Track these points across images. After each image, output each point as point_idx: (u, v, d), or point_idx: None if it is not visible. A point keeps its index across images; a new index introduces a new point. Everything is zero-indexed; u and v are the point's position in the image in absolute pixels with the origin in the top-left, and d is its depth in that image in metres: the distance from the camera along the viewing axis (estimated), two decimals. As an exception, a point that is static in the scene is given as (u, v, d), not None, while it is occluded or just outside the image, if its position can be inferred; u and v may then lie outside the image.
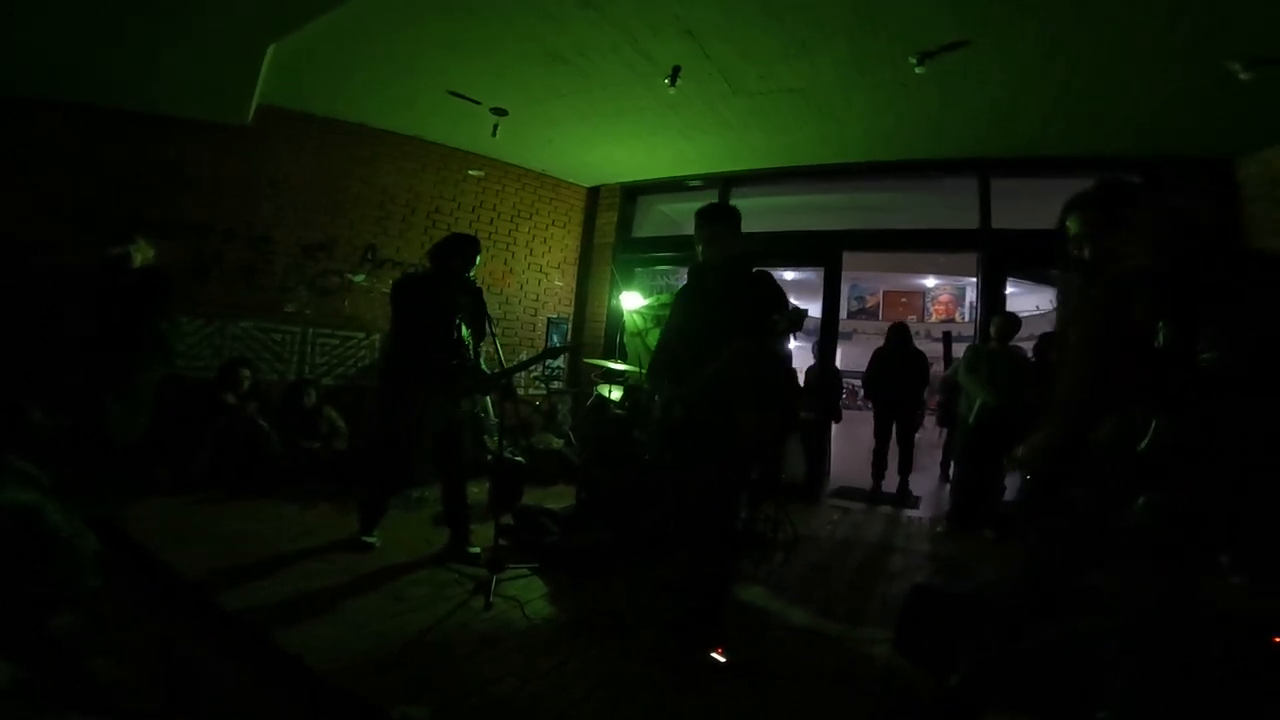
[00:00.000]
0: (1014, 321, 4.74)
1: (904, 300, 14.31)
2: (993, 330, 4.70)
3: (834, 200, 6.43)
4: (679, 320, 2.72)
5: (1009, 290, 5.64)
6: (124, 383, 3.60)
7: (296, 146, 5.45)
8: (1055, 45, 3.61)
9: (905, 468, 5.83)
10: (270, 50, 4.10)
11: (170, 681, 1.84)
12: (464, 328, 3.39)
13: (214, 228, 5.13)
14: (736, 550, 2.93)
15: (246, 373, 4.77)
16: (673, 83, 4.20)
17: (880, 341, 5.96)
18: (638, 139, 5.68)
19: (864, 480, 5.94)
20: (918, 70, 3.84)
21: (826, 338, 6.01)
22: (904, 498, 5.71)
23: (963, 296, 13.74)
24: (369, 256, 5.87)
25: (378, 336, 5.75)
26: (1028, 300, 10.34)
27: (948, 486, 6.27)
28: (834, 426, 6.07)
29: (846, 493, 5.83)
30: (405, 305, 3.34)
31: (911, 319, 13.80)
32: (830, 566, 3.76)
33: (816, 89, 4.44)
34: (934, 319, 13.77)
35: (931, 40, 3.66)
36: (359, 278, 5.82)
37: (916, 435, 6.00)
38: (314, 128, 5.51)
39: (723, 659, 2.43)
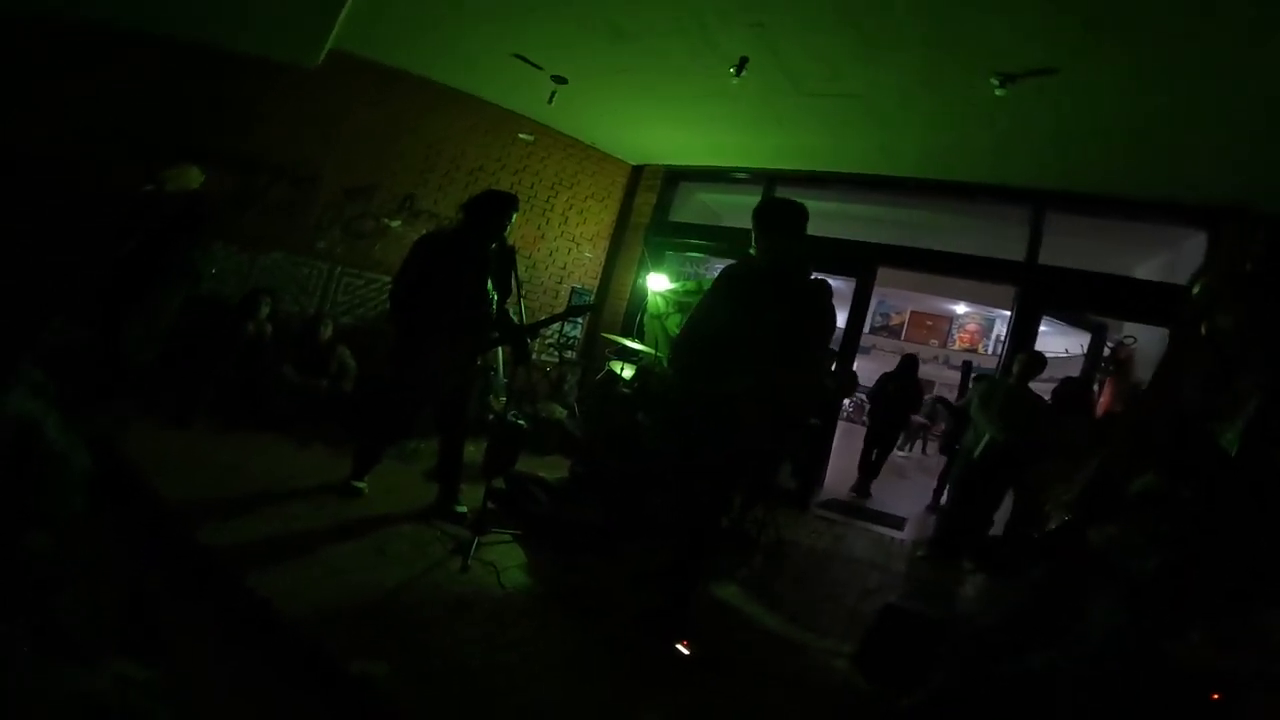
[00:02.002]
0: (1039, 361, 4.64)
1: (930, 323, 14.03)
2: (1015, 367, 4.61)
3: (875, 212, 6.31)
4: (720, 315, 2.60)
5: (1041, 329, 5.49)
6: (146, 303, 3.66)
7: (356, 93, 5.49)
8: (1145, 80, 3.44)
9: (874, 472, 6.74)
10: None
11: (128, 617, 1.85)
12: (489, 284, 3.37)
13: (264, 163, 5.19)
14: (716, 546, 2.93)
15: (267, 300, 4.84)
16: (739, 73, 4.13)
17: (895, 363, 6.11)
18: (689, 124, 5.61)
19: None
20: (998, 92, 3.71)
21: (846, 350, 5.94)
22: (887, 516, 5.79)
23: (990, 328, 13.46)
24: (407, 205, 5.92)
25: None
26: (1058, 341, 10.08)
27: (934, 513, 6.36)
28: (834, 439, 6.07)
29: (835, 505, 5.82)
30: (431, 258, 3.31)
31: (934, 343, 13.55)
32: (808, 575, 3.78)
33: (878, 97, 4.33)
34: (957, 346, 13.52)
35: (1014, 63, 3.53)
36: (395, 223, 5.88)
37: (901, 455, 6.37)
38: (376, 76, 5.53)
39: (687, 651, 2.44)
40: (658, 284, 5.75)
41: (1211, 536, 1.57)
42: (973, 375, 6.51)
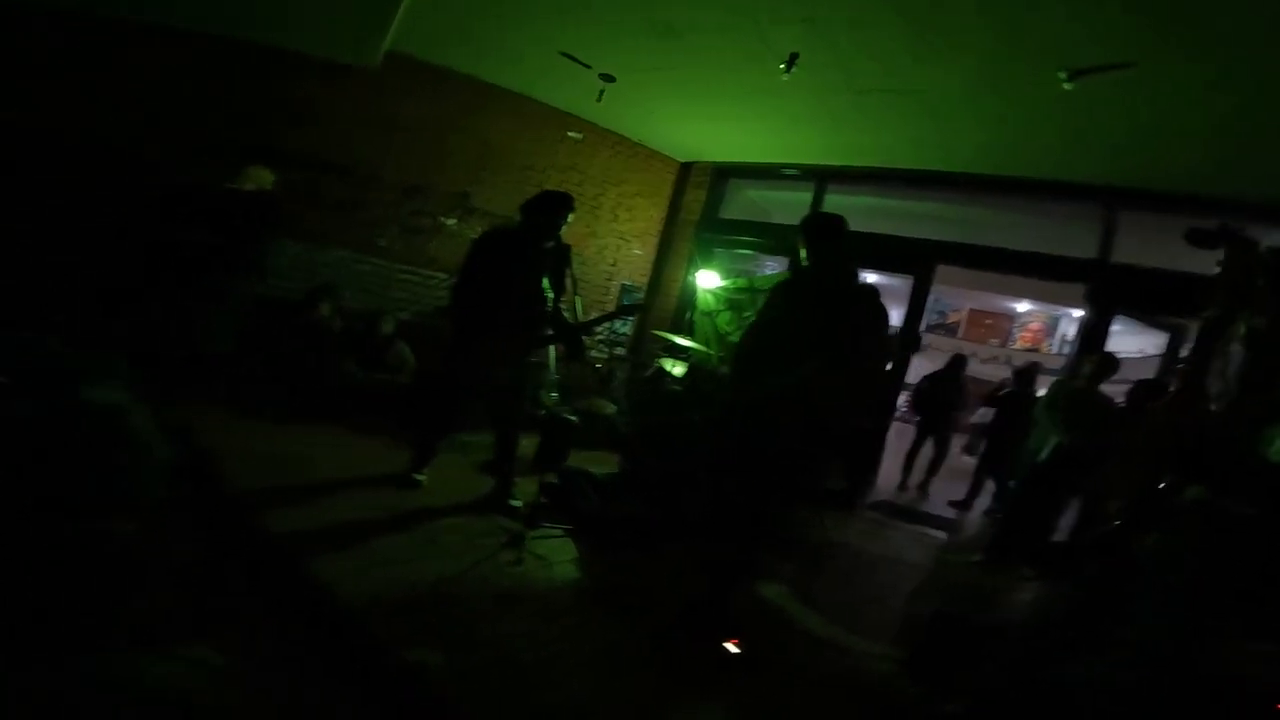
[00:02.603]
0: (1112, 363, 4.42)
1: (989, 322, 13.53)
2: (1086, 368, 4.40)
3: (932, 208, 6.12)
4: (775, 325, 2.71)
5: (1114, 328, 5.24)
6: (220, 295, 3.86)
7: (409, 93, 5.63)
8: (1224, 76, 3.25)
9: (931, 471, 6.86)
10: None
11: (204, 604, 1.94)
12: (545, 281, 3.43)
13: (326, 162, 5.38)
14: (760, 546, 2.93)
15: (330, 296, 5.03)
16: (788, 69, 4.07)
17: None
18: (738, 121, 5.57)
19: (906, 496, 6.04)
20: (1066, 86, 3.57)
21: (903, 349, 5.78)
22: (938, 519, 5.65)
23: (1055, 326, 12.88)
24: (462, 203, 6.06)
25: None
26: (1132, 341, 9.57)
27: (981, 514, 6.25)
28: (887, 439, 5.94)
29: (885, 507, 5.68)
30: (489, 256, 3.39)
31: (994, 342, 13.06)
32: (853, 577, 3.72)
33: (937, 94, 4.22)
34: (1019, 345, 12.99)
35: (1084, 58, 3.39)
36: (451, 221, 6.03)
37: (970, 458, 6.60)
38: (428, 76, 5.66)
39: (735, 650, 2.44)
40: (708, 281, 5.73)
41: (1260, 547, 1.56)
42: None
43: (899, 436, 6.67)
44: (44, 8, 4.20)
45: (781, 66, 4.08)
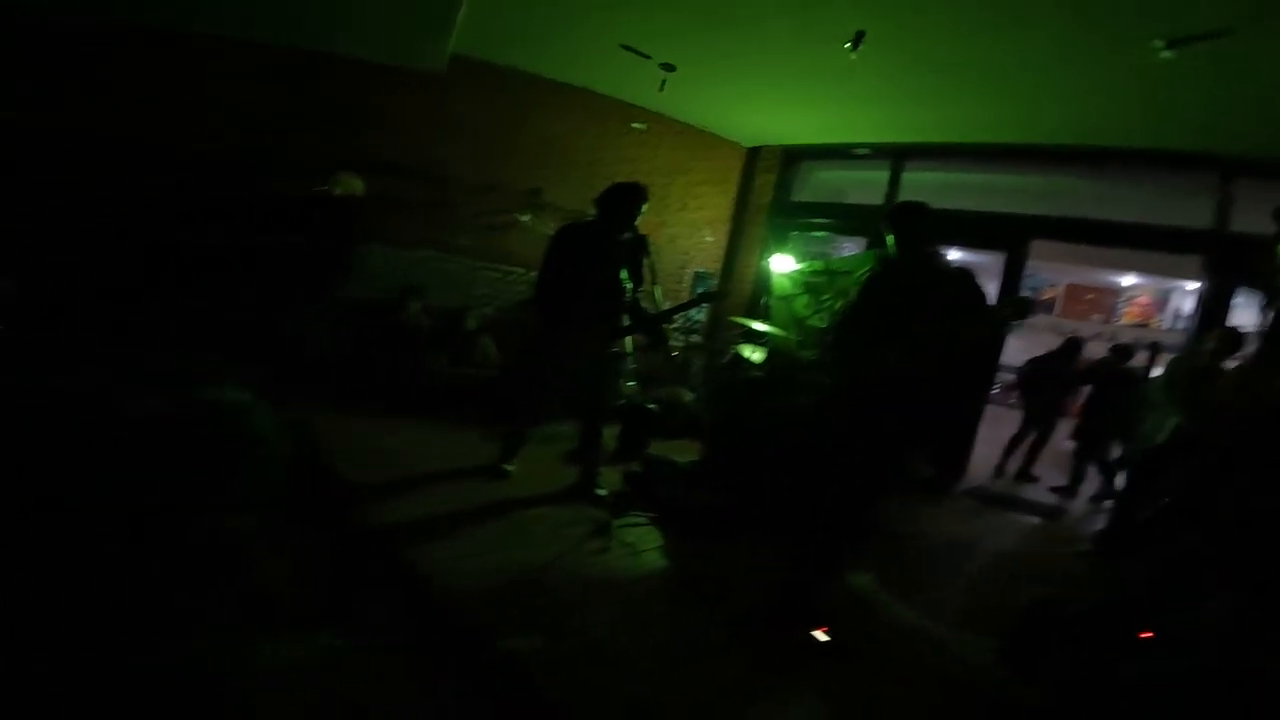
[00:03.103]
0: (1235, 338, 4.03)
1: (1090, 297, 12.60)
2: (1208, 344, 4.05)
3: (1022, 182, 5.78)
4: (867, 312, 2.68)
5: (1238, 300, 4.81)
6: (320, 299, 4.10)
7: (475, 94, 5.77)
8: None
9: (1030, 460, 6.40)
10: (466, 3, 4.29)
11: (322, 592, 2.06)
12: (624, 273, 3.47)
13: (403, 165, 5.57)
14: (851, 535, 2.87)
15: (418, 295, 5.26)
16: (854, 48, 3.93)
17: (1051, 340, 5.64)
18: (804, 103, 5.45)
19: (1001, 483, 5.77)
20: (1163, 55, 3.33)
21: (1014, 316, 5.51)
22: (1038, 505, 5.37)
23: (1166, 300, 11.87)
24: (534, 199, 6.17)
25: (535, 273, 6.02)
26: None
27: (1087, 501, 5.89)
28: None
29: (980, 494, 5.42)
30: (568, 251, 3.45)
31: (1096, 318, 12.17)
32: (948, 566, 3.59)
33: (1016, 67, 3.99)
34: (1125, 321, 12.05)
35: (1180, 27, 3.15)
36: (525, 218, 6.16)
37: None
38: (492, 76, 5.79)
39: (824, 638, 2.41)
40: (783, 265, 5.62)
41: None
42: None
43: (993, 422, 6.35)
44: (140, 27, 4.55)
45: (847, 46, 3.95)
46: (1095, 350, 7.19)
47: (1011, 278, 5.47)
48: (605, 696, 1.98)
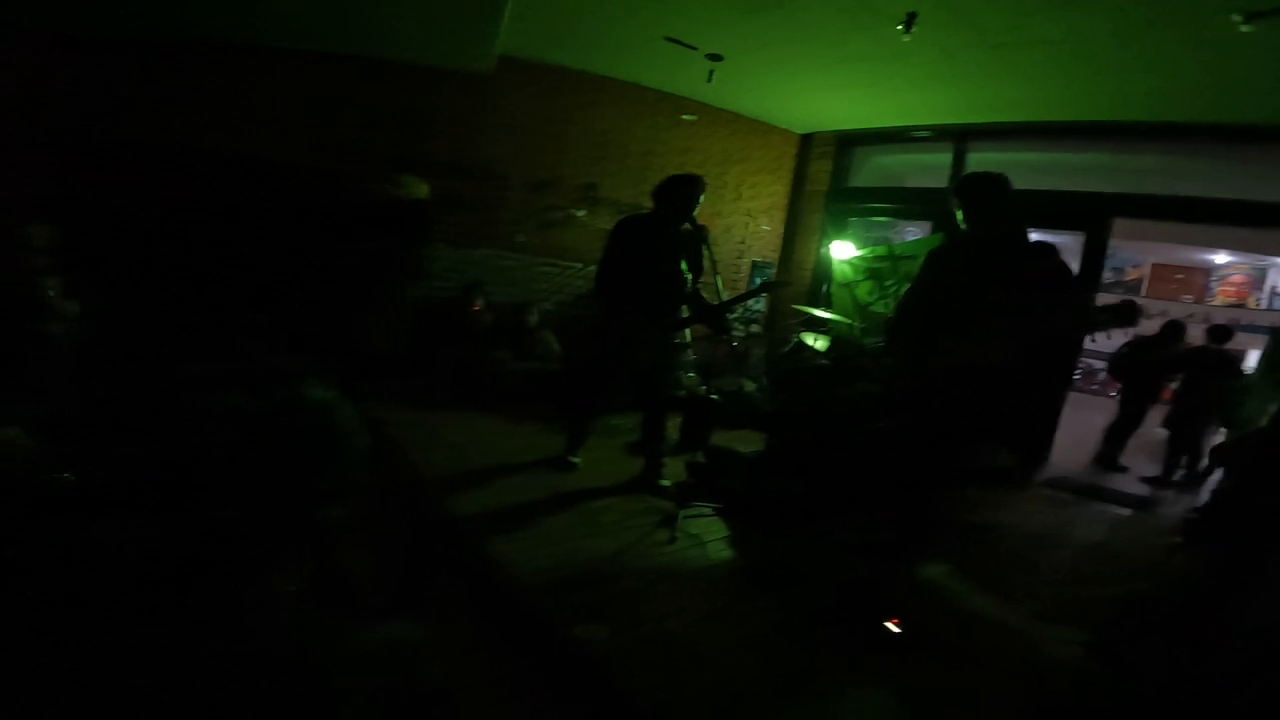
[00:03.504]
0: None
1: (1179, 276, 11.76)
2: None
3: (1101, 160, 5.49)
4: (940, 295, 2.54)
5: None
6: (394, 299, 4.26)
7: (526, 93, 5.86)
8: None
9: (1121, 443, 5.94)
10: (510, 2, 4.33)
11: (401, 582, 2.14)
12: (683, 264, 3.49)
13: (461, 166, 5.74)
14: (926, 524, 2.80)
15: (481, 292, 5.41)
16: (907, 29, 3.81)
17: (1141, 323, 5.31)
18: (858, 87, 5.32)
19: (1086, 472, 5.47)
20: (1243, 29, 3.13)
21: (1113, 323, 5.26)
22: (1125, 495, 5.08)
23: (1262, 278, 10.99)
24: (589, 194, 6.25)
25: (593, 267, 6.10)
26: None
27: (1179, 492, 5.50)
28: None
29: (1064, 484, 5.18)
30: (626, 244, 3.49)
31: (1187, 299, 11.39)
32: (1029, 558, 3.43)
33: (1085, 42, 3.79)
34: (1218, 302, 11.23)
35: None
36: (580, 213, 6.24)
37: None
38: (541, 75, 5.86)
39: (896, 629, 2.36)
40: (843, 251, 5.52)
41: None
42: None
43: (1078, 408, 6.06)
44: (207, 41, 4.79)
45: (899, 28, 3.82)
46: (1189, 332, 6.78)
47: (1093, 258, 5.22)
48: (678, 685, 2.00)
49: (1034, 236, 2.47)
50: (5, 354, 2.98)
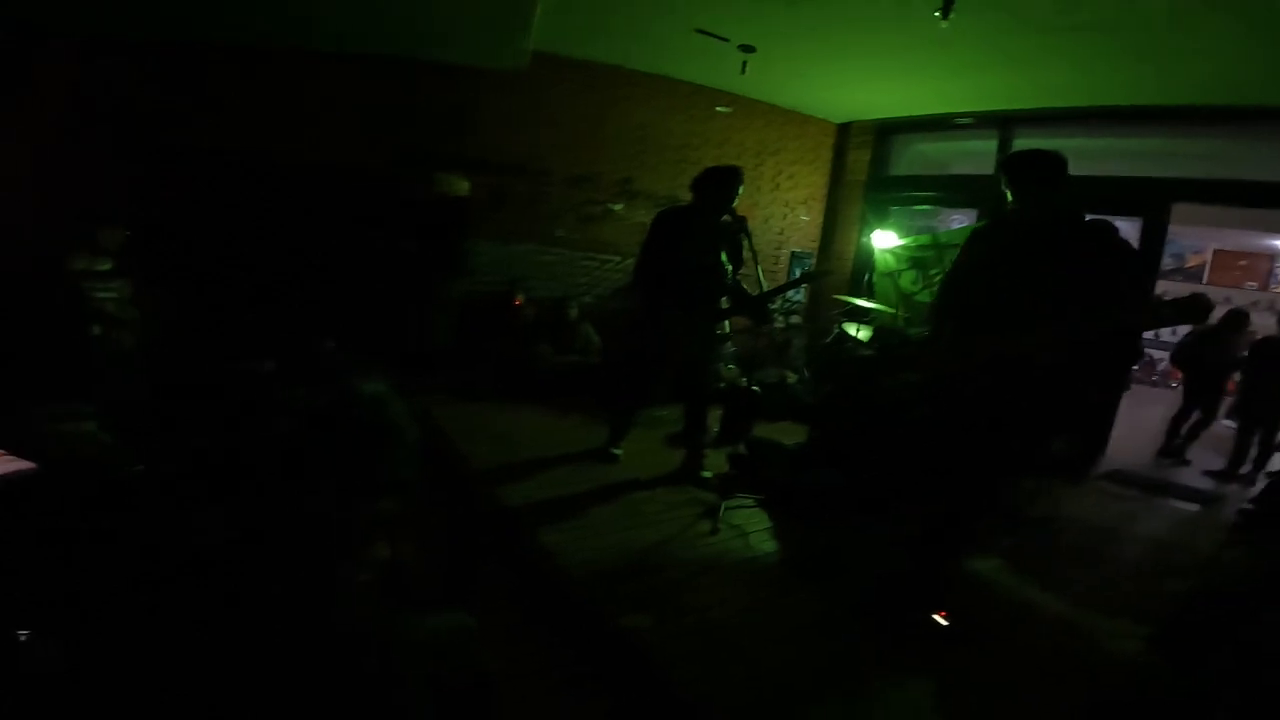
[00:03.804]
0: None
1: (1242, 263, 11.22)
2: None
3: (1154, 145, 5.36)
4: (986, 275, 2.42)
5: None
6: (439, 295, 4.38)
7: (562, 89, 5.92)
8: None
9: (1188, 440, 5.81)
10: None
11: (452, 571, 2.20)
12: (724, 256, 3.48)
13: (500, 163, 5.80)
14: (977, 516, 2.74)
15: (523, 286, 5.50)
16: (944, 15, 3.71)
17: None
18: (895, 76, 5.24)
19: (1146, 465, 5.28)
20: None
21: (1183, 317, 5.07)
22: (1188, 489, 4.92)
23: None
24: (625, 188, 6.28)
25: (631, 260, 6.15)
26: None
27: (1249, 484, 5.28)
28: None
29: (1123, 477, 5.01)
30: (666, 235, 3.49)
31: (1251, 285, 10.87)
32: (1087, 552, 3.35)
33: (1136, 26, 3.65)
34: (1283, 288, 10.68)
35: None
36: (617, 207, 6.29)
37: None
38: (576, 71, 5.91)
39: (944, 622, 2.33)
40: (885, 241, 5.43)
41: None
42: None
43: (1136, 400, 5.84)
44: (250, 47, 4.93)
45: (936, 14, 3.72)
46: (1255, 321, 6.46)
47: (1151, 244, 5.04)
48: (723, 674, 2.02)
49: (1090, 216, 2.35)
50: (77, 355, 3.14)
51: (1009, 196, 2.36)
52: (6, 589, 1.70)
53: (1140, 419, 5.95)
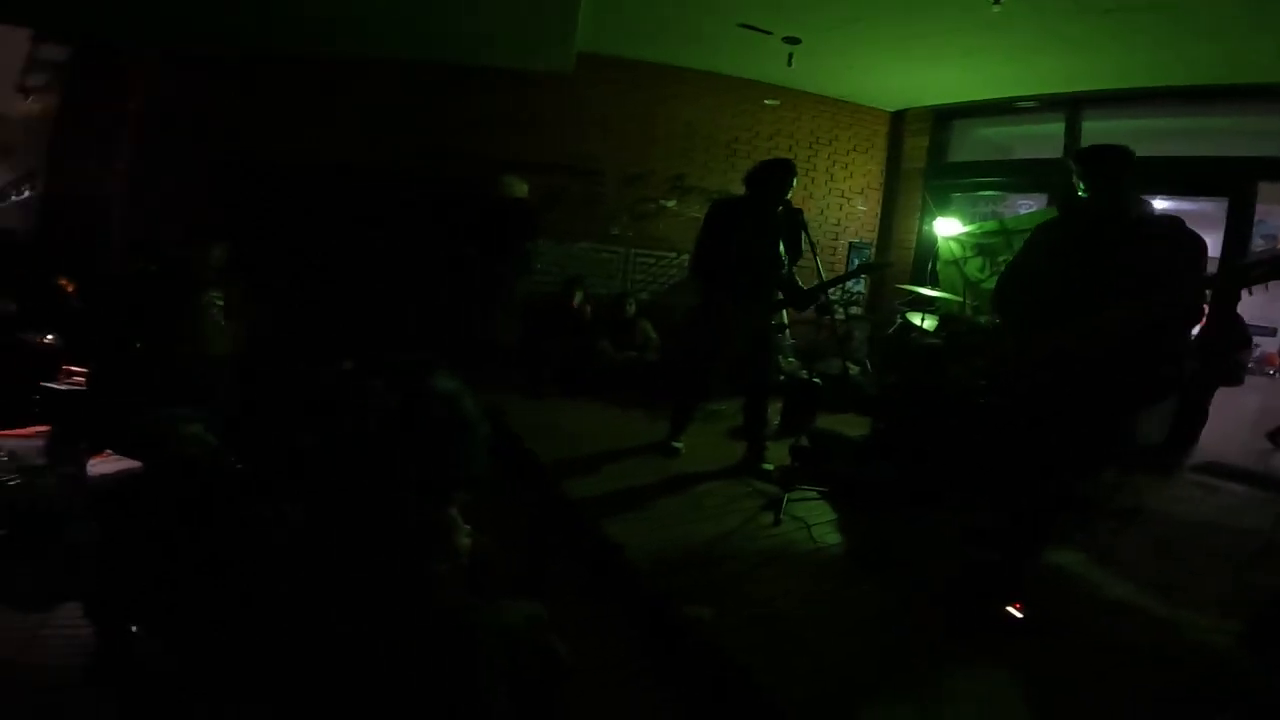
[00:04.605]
0: None
1: (1337, 242, 10.41)
2: None
3: (1237, 123, 5.10)
4: (1056, 266, 2.44)
5: None
6: (504, 295, 4.53)
7: (612, 89, 6.03)
8: None
9: None
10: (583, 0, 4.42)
11: (528, 562, 2.28)
12: (781, 248, 3.49)
13: (556, 164, 5.95)
14: (1058, 510, 2.67)
15: (581, 284, 5.62)
16: (996, 1, 3.60)
17: None
18: (949, 61, 5.14)
19: (1243, 456, 4.94)
20: None
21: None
22: None
23: None
24: (678, 184, 6.34)
25: (686, 256, 6.22)
26: None
27: None
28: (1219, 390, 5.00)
29: (1217, 468, 4.73)
30: (721, 227, 3.52)
31: (1348, 264, 10.01)
32: (1173, 545, 3.19)
33: (1199, 5, 3.54)
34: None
35: None
36: (670, 203, 6.35)
37: None
38: (622, 70, 6.00)
39: (1019, 615, 2.27)
40: (948, 228, 5.28)
41: None
42: None
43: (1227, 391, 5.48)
44: (310, 57, 5.20)
45: None
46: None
47: (1239, 224, 4.79)
48: (785, 664, 2.02)
49: (1164, 208, 2.34)
50: (182, 364, 3.40)
51: (1080, 189, 2.38)
52: (118, 584, 1.86)
53: (1236, 408, 5.58)
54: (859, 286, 6.92)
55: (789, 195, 3.46)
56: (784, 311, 3.71)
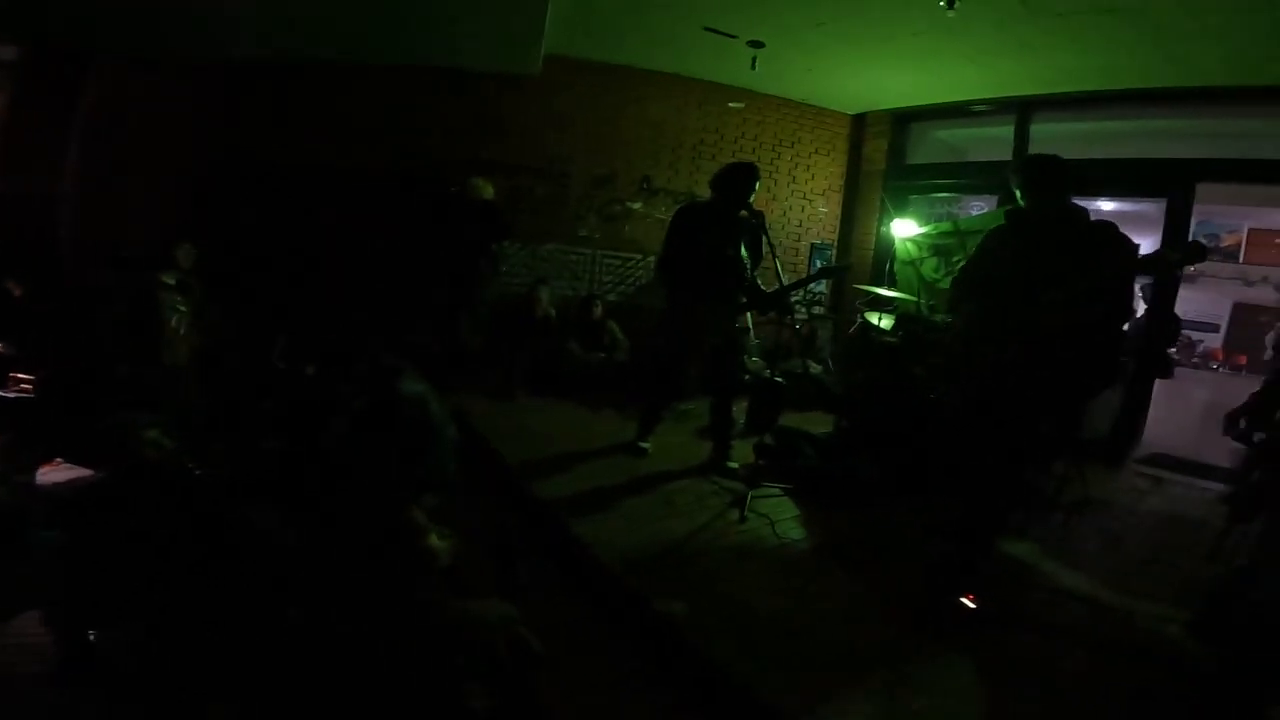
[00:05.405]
0: None
1: (1279, 241, 10.99)
2: None
3: (1178, 126, 5.29)
4: (1004, 270, 2.57)
5: None
6: (473, 298, 4.52)
7: (578, 91, 6.03)
8: None
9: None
10: (550, 3, 4.40)
11: (497, 562, 2.30)
12: (743, 250, 3.55)
13: (524, 166, 5.95)
14: (1012, 503, 2.77)
15: (547, 286, 5.62)
16: (950, 5, 3.73)
17: (1239, 289, 5.06)
18: (908, 65, 5.25)
19: (1188, 448, 5.14)
20: None
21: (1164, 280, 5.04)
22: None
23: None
24: (644, 186, 6.37)
25: (653, 258, 6.20)
26: None
27: None
28: (1158, 383, 5.18)
29: (1163, 460, 4.96)
30: (687, 231, 3.57)
31: (1289, 263, 10.59)
32: (1122, 536, 3.35)
33: (1148, 8, 3.66)
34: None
35: None
36: (637, 205, 6.38)
37: None
38: (590, 73, 6.01)
39: (973, 605, 2.37)
40: (905, 229, 5.43)
41: None
42: None
43: (1176, 382, 5.72)
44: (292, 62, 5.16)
45: (942, 4, 3.74)
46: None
47: (1177, 224, 4.99)
48: (760, 658, 2.06)
49: (1107, 210, 2.50)
50: (144, 367, 3.32)
51: (1019, 197, 2.53)
52: (77, 590, 1.82)
53: (1179, 402, 5.85)
54: (821, 287, 7.05)
55: (752, 198, 3.52)
56: (748, 314, 3.78)
